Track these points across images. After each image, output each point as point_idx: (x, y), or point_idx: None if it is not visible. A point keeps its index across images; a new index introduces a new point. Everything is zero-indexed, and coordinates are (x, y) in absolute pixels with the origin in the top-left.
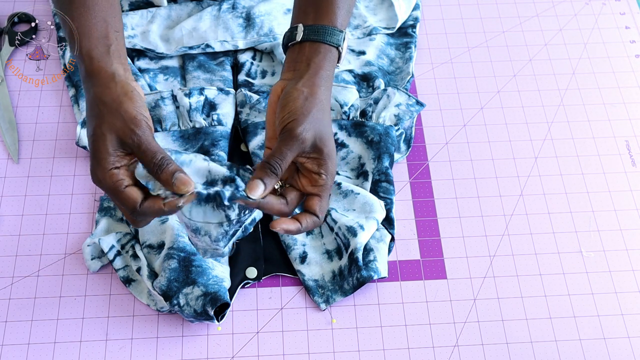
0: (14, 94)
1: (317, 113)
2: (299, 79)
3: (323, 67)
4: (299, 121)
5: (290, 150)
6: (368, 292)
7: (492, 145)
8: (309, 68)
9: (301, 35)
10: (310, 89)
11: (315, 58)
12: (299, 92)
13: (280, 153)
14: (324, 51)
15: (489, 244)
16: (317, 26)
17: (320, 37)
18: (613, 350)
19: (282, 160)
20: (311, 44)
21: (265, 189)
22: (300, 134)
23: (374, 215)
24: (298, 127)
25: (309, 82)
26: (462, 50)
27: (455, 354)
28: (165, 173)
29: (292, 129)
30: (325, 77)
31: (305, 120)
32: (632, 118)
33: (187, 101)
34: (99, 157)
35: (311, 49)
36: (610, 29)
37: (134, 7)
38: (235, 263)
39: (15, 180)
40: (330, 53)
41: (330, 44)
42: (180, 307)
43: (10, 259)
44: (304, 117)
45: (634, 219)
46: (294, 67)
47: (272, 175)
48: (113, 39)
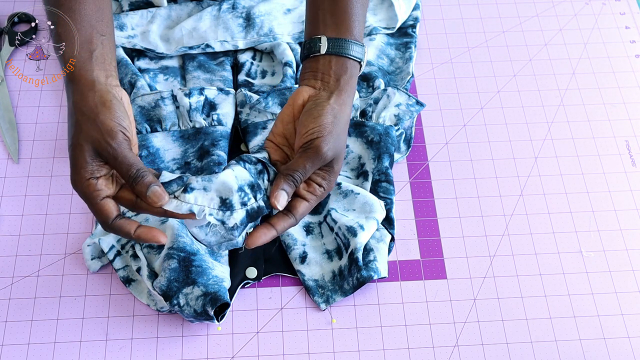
0: (14, 94)
1: (341, 133)
2: (330, 93)
3: (350, 84)
4: (326, 140)
5: (312, 167)
6: (368, 292)
7: (492, 145)
8: (338, 84)
9: (325, 47)
10: (340, 107)
11: (345, 75)
12: (330, 108)
13: (304, 168)
14: (350, 67)
15: (489, 244)
16: (341, 40)
17: (345, 52)
18: (613, 350)
19: (304, 175)
20: (337, 58)
21: (287, 199)
22: (325, 153)
23: (374, 215)
24: (325, 146)
25: (339, 99)
26: (462, 50)
27: (455, 354)
28: (140, 185)
29: (319, 146)
30: (352, 95)
31: (331, 139)
32: (632, 118)
33: (187, 101)
34: (77, 165)
35: (337, 63)
36: (610, 29)
37: (134, 7)
38: (235, 263)
39: (15, 180)
40: (355, 69)
41: (354, 59)
42: (180, 307)
43: (10, 259)
44: (331, 136)
45: (634, 219)
46: (321, 77)
47: (293, 187)
48: (97, 43)
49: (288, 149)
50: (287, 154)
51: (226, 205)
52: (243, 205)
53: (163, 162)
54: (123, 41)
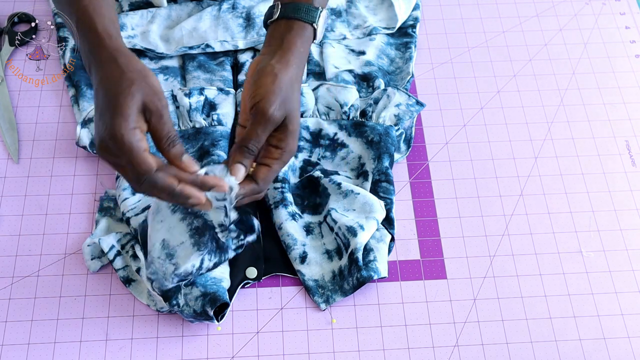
0: (14, 94)
1: (287, 91)
2: (272, 55)
3: (295, 44)
4: (270, 101)
5: (264, 131)
6: (368, 292)
7: (492, 145)
8: (282, 44)
9: (278, 12)
10: (283, 65)
11: (289, 35)
12: (271, 68)
13: (256, 135)
14: (297, 27)
15: (489, 244)
16: (294, 4)
17: (295, 14)
18: (613, 350)
19: (257, 142)
20: (287, 21)
21: (246, 170)
22: (272, 114)
23: (374, 215)
24: (270, 108)
25: (282, 59)
26: (462, 50)
27: (455, 354)
28: (176, 149)
29: (264, 109)
30: (297, 54)
31: (275, 99)
32: (632, 118)
33: (187, 101)
34: (124, 113)
35: (286, 26)
36: (610, 29)
37: (134, 7)
38: (235, 263)
39: (15, 180)
40: (304, 30)
41: (305, 21)
42: (180, 307)
43: (10, 259)
44: (275, 96)
45: (634, 219)
46: (269, 42)
47: (249, 157)
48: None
49: None
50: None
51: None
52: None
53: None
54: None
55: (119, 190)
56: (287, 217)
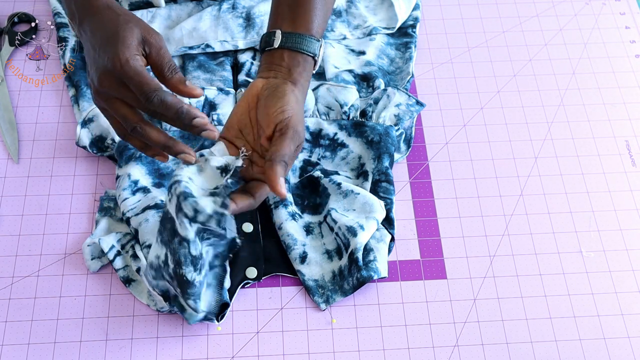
0: (14, 94)
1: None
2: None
3: (303, 77)
4: (299, 119)
5: (294, 146)
6: (368, 292)
7: (492, 145)
8: (291, 75)
9: (279, 41)
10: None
11: (297, 68)
12: (290, 89)
13: (290, 149)
14: (302, 61)
15: (489, 244)
16: (295, 34)
17: (297, 46)
18: (613, 350)
19: (291, 156)
20: (289, 52)
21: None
22: (302, 131)
23: (374, 215)
24: (299, 124)
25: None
26: (462, 50)
27: (455, 354)
28: (179, 75)
29: (295, 126)
30: (303, 89)
31: (302, 119)
32: (632, 118)
33: (187, 101)
34: (127, 42)
35: (290, 57)
36: (610, 29)
37: (134, 7)
38: (235, 263)
39: (15, 180)
40: (307, 63)
41: (307, 54)
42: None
43: (10, 259)
44: (301, 116)
45: (634, 219)
46: (275, 69)
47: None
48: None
49: (241, 141)
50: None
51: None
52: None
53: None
54: None
55: (119, 190)
56: (287, 217)
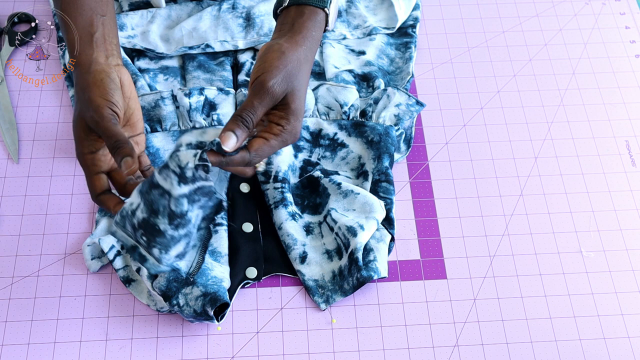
0: (14, 94)
1: (293, 69)
2: (282, 37)
3: (306, 27)
4: (271, 74)
5: (261, 103)
6: (368, 292)
7: (492, 145)
8: (292, 28)
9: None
10: (291, 45)
11: (300, 19)
12: (278, 47)
13: (252, 106)
14: (308, 12)
15: (489, 244)
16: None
17: (306, 0)
18: (613, 350)
19: (253, 113)
20: (297, 7)
21: (238, 141)
22: (271, 87)
23: (374, 215)
24: (270, 80)
25: (290, 39)
26: (462, 50)
27: (455, 354)
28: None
29: (263, 81)
30: (309, 37)
31: (278, 74)
32: (632, 118)
33: (187, 101)
34: (77, 139)
35: (296, 11)
36: (610, 29)
37: (134, 7)
38: (235, 263)
39: (15, 180)
40: (316, 14)
41: (316, 6)
42: (180, 307)
43: (10, 259)
44: (278, 70)
45: (634, 219)
46: (280, 28)
47: (243, 128)
48: (98, 25)
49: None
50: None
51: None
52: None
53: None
54: (123, 41)
55: None
56: (287, 217)
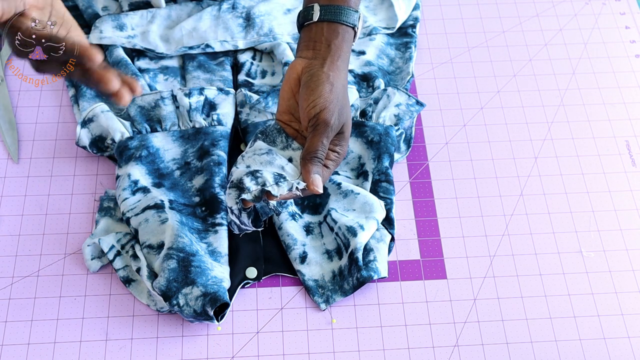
0: (14, 94)
1: (343, 98)
2: (322, 61)
3: (343, 50)
4: (330, 110)
5: (328, 140)
6: (368, 292)
7: (492, 145)
8: (330, 50)
9: (318, 14)
10: (335, 73)
11: (335, 40)
12: (325, 77)
13: (322, 145)
14: (342, 32)
15: (489, 244)
16: (333, 6)
17: (337, 18)
18: (613, 350)
19: (324, 151)
20: (329, 24)
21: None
22: (334, 123)
23: (374, 215)
24: (331, 117)
25: (332, 65)
26: (462, 50)
27: (455, 354)
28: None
29: (326, 119)
30: (345, 60)
31: (334, 108)
32: (632, 118)
33: (187, 101)
34: None
35: (329, 29)
36: (610, 29)
37: (134, 7)
38: (235, 263)
39: (15, 180)
40: (348, 34)
41: (347, 24)
42: (180, 307)
43: (10, 259)
44: (333, 105)
45: (634, 219)
46: (313, 46)
47: (321, 166)
48: None
49: (296, 124)
50: (295, 129)
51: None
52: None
53: (163, 162)
54: (123, 41)
55: (118, 190)
56: (287, 217)
